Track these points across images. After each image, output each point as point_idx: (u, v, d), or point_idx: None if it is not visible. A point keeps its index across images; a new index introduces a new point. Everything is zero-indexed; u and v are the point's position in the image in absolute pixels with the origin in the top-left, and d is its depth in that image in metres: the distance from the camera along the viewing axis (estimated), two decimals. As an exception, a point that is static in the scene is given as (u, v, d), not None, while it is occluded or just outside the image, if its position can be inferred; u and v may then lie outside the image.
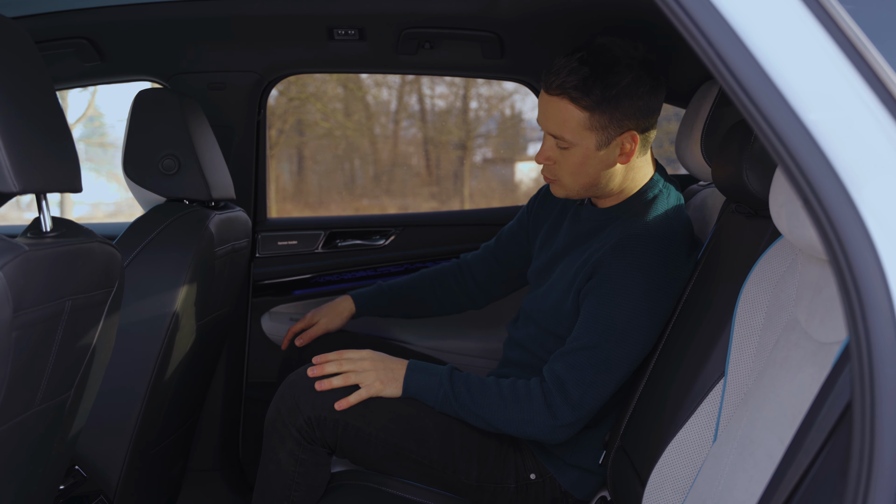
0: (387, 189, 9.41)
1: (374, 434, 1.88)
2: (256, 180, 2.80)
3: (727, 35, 0.95)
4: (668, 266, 1.83)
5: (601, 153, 1.85)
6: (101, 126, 9.02)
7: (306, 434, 1.86)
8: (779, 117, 0.93)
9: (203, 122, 2.29)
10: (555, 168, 1.90)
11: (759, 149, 1.57)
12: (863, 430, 0.87)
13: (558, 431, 1.82)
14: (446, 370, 1.89)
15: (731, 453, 1.36)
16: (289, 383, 1.91)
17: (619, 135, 1.83)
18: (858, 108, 0.94)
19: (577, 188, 1.92)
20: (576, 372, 1.80)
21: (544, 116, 1.87)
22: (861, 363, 0.88)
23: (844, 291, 0.91)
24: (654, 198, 1.92)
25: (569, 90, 1.80)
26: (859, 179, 0.92)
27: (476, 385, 1.87)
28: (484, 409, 1.85)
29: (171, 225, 2.03)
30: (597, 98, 1.79)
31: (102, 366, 1.60)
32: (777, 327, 1.41)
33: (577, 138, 1.83)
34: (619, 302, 1.80)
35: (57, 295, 1.30)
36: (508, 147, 9.66)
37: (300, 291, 2.83)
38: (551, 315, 1.96)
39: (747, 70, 0.94)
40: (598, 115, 1.80)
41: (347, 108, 9.29)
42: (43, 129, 1.33)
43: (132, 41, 2.53)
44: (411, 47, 2.54)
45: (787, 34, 0.96)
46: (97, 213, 8.66)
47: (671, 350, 1.78)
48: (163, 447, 2.20)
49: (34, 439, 1.39)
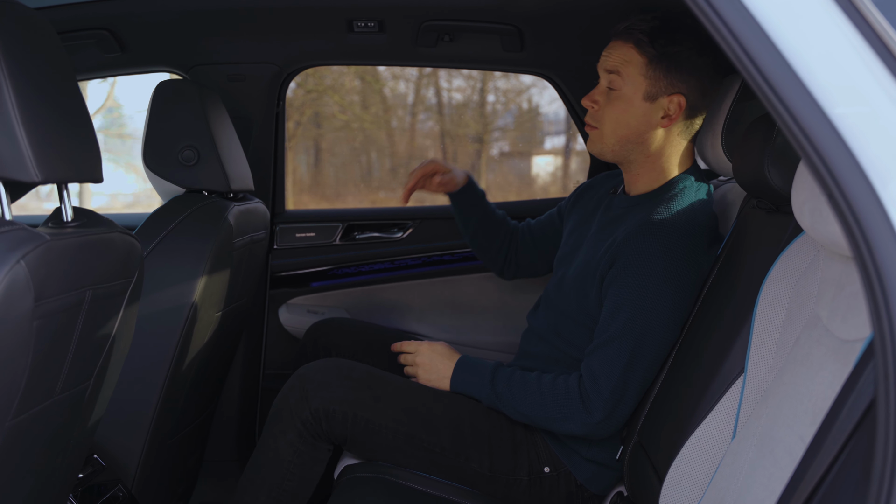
0: (403, 182, 9.38)
1: (384, 424, 1.88)
2: (275, 172, 2.81)
3: (752, 29, 0.94)
4: (688, 252, 1.83)
5: (646, 106, 1.90)
6: (120, 117, 9.05)
7: (311, 427, 1.87)
8: (804, 112, 0.92)
9: (222, 113, 2.29)
10: (598, 113, 1.94)
11: (781, 144, 1.56)
12: (887, 429, 0.86)
13: (596, 428, 1.84)
14: (490, 369, 1.93)
15: (751, 450, 1.35)
16: (300, 375, 1.92)
17: (668, 95, 1.89)
18: (885, 103, 0.93)
19: (613, 140, 1.94)
20: (607, 366, 1.81)
21: (604, 59, 1.93)
22: (886, 361, 0.87)
23: (869, 288, 0.90)
24: (682, 189, 1.94)
25: (635, 34, 1.87)
26: (885, 175, 0.91)
27: (518, 383, 1.89)
28: (525, 406, 1.88)
29: (190, 216, 2.04)
30: (659, 48, 1.86)
31: (122, 356, 1.61)
32: (798, 324, 1.39)
33: (629, 81, 1.89)
34: (642, 286, 1.81)
35: (78, 284, 1.30)
36: (525, 141, 9.62)
37: (317, 283, 2.84)
38: (574, 296, 1.97)
39: (772, 64, 0.94)
40: (655, 66, 1.87)
41: (365, 100, 9.29)
42: (65, 120, 1.34)
43: (152, 32, 2.54)
44: (431, 40, 2.53)
45: (812, 27, 0.95)
46: (116, 203, 8.69)
47: (690, 346, 1.77)
48: (180, 437, 2.21)
49: (54, 428, 1.40)
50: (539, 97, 9.06)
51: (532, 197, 9.16)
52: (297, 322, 2.80)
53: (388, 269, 2.85)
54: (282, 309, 2.82)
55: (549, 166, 9.19)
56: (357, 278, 2.84)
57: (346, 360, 2.01)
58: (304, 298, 2.84)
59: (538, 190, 9.20)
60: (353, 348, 2.33)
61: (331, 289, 2.84)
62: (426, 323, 2.80)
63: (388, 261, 2.85)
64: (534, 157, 9.45)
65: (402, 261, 2.86)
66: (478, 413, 1.95)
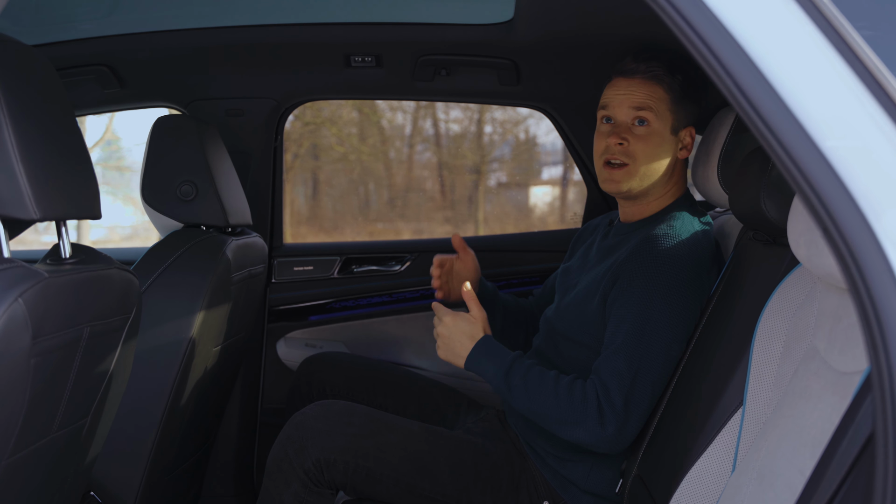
0: (401, 213, 9.42)
1: (384, 474, 1.86)
2: (273, 206, 2.81)
3: (745, 64, 0.95)
4: (692, 267, 1.85)
5: (672, 139, 1.95)
6: (119, 150, 9.08)
7: (314, 476, 1.85)
8: (796, 145, 0.93)
9: (221, 148, 2.31)
10: (629, 148, 1.94)
11: (777, 176, 1.57)
12: (885, 463, 0.86)
13: (604, 442, 1.79)
14: (508, 361, 1.86)
15: (751, 484, 1.35)
16: (295, 423, 1.90)
17: (685, 127, 1.96)
18: (876, 135, 0.94)
19: (646, 175, 1.95)
20: (616, 379, 1.78)
21: (625, 98, 1.94)
22: (883, 394, 0.87)
23: (865, 321, 0.90)
24: (680, 213, 1.96)
25: (655, 69, 1.91)
26: (878, 207, 0.91)
27: (535, 379, 1.83)
28: (537, 403, 1.82)
29: (188, 251, 2.04)
30: (681, 82, 1.93)
31: (119, 392, 1.61)
32: (796, 356, 1.39)
33: (660, 116, 1.92)
34: (648, 298, 1.80)
35: (76, 321, 1.30)
36: (523, 171, 9.65)
37: (316, 317, 2.83)
38: (574, 318, 1.97)
39: (765, 98, 0.94)
40: (678, 99, 1.93)
41: (362, 132, 9.33)
42: (63, 157, 1.34)
43: (151, 68, 2.56)
44: (428, 74, 2.55)
45: (804, 62, 0.96)
46: (114, 236, 8.69)
47: (689, 378, 1.77)
48: (178, 473, 2.19)
49: (50, 465, 1.39)
50: (536, 128, 9.11)
51: (529, 228, 9.18)
52: (296, 356, 2.80)
53: (387, 303, 2.84)
54: (280, 343, 2.82)
55: (546, 197, 9.22)
56: (355, 311, 2.84)
57: (343, 404, 1.98)
58: (303, 332, 2.83)
59: (536, 220, 9.21)
60: (346, 385, 2.31)
61: (329, 322, 2.83)
62: (425, 356, 2.79)
63: (387, 294, 2.85)
64: (531, 188, 9.48)
65: (400, 294, 2.85)
66: (478, 453, 1.93)
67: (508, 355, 1.87)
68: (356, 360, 2.44)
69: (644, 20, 1.77)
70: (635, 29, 2.01)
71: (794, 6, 0.96)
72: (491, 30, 2.36)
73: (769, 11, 0.97)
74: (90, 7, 2.31)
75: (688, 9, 0.96)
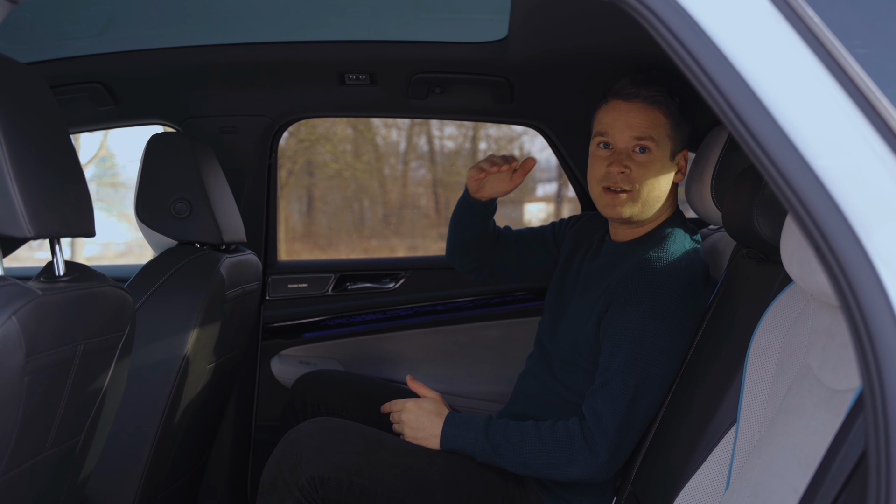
0: (396, 230, 9.43)
1: (379, 492, 1.86)
2: (267, 223, 2.81)
3: (737, 84, 0.96)
4: (686, 289, 1.85)
5: (671, 164, 1.96)
6: (113, 166, 9.09)
7: (308, 494, 1.84)
8: (789, 164, 0.94)
9: (215, 165, 2.31)
10: (632, 176, 1.93)
11: (770, 195, 1.57)
12: (878, 481, 0.86)
13: (600, 469, 1.81)
14: (482, 423, 1.90)
15: (745, 501, 1.35)
16: (290, 441, 1.89)
17: (680, 150, 1.98)
18: (868, 154, 0.94)
19: (649, 200, 1.95)
20: (611, 403, 1.80)
21: (626, 125, 1.92)
22: (875, 412, 0.88)
23: (857, 339, 0.90)
24: (671, 232, 1.97)
25: (654, 94, 1.91)
26: (870, 226, 0.92)
27: (515, 433, 1.87)
28: (526, 455, 1.85)
29: (182, 268, 2.04)
30: (678, 106, 1.93)
31: (113, 410, 1.60)
32: (789, 374, 1.40)
33: (660, 143, 1.93)
34: (643, 323, 1.81)
35: (69, 339, 1.30)
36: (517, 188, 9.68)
37: (310, 334, 2.83)
38: (567, 343, 1.98)
39: (757, 117, 0.95)
40: (676, 123, 1.94)
41: (357, 149, 9.34)
42: (57, 175, 1.34)
43: (145, 86, 2.56)
44: (422, 92, 2.56)
45: (796, 82, 0.96)
46: (108, 252, 8.69)
47: (683, 395, 1.77)
48: (172, 490, 2.18)
49: (44, 484, 1.38)
50: (531, 144, 9.13)
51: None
52: (290, 373, 2.79)
53: (381, 320, 2.84)
54: (274, 360, 2.81)
55: (540, 213, 9.23)
56: (350, 329, 2.84)
57: (337, 421, 1.98)
58: (297, 349, 2.83)
59: (530, 237, 9.19)
60: (341, 402, 2.31)
61: (323, 339, 2.83)
62: (419, 373, 2.79)
63: (381, 311, 2.85)
64: (526, 204, 9.49)
65: (394, 311, 2.85)
66: (472, 471, 1.93)
67: (480, 420, 1.91)
68: (350, 377, 2.44)
69: (637, 40, 1.78)
70: (629, 48, 2.02)
71: (786, 27, 0.97)
72: (485, 48, 2.37)
73: (761, 32, 0.97)
74: (85, 25, 2.31)
75: (681, 29, 0.97)
